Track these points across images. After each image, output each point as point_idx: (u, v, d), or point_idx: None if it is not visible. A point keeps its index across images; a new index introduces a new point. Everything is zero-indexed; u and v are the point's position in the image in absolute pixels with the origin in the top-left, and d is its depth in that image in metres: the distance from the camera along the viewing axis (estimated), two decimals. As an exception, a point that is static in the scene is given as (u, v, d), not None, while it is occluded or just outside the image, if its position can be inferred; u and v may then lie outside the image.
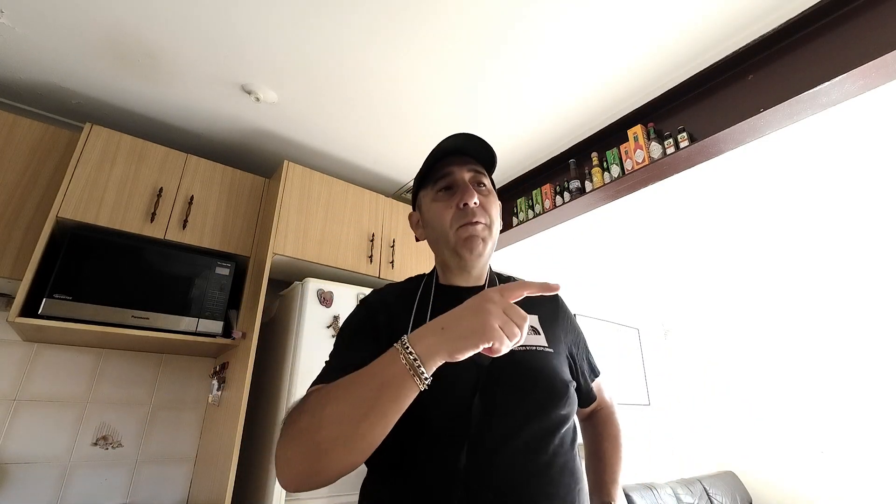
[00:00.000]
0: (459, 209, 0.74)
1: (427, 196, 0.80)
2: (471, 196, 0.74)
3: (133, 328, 1.51)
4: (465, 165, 0.78)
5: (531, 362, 0.72)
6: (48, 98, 1.79)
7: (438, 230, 0.77)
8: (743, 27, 1.45)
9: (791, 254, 3.18)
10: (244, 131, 2.00)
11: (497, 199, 0.82)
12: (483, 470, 0.61)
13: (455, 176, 0.77)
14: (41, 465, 1.57)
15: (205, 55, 1.56)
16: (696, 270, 3.57)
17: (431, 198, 0.79)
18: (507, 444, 0.63)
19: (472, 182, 0.78)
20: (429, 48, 1.53)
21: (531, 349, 0.73)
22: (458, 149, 0.79)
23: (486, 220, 0.76)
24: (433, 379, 0.58)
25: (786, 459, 3.62)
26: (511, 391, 0.67)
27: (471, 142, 0.79)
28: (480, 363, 0.67)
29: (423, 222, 0.82)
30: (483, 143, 0.79)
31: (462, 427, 0.63)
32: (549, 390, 0.70)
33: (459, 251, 0.75)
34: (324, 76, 1.65)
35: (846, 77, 1.31)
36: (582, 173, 2.00)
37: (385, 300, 0.80)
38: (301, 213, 1.89)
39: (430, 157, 0.79)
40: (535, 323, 0.78)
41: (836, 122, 1.87)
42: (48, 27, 1.46)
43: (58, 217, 1.49)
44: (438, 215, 0.77)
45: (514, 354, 0.67)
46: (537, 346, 0.75)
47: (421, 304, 0.77)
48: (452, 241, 0.75)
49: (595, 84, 1.69)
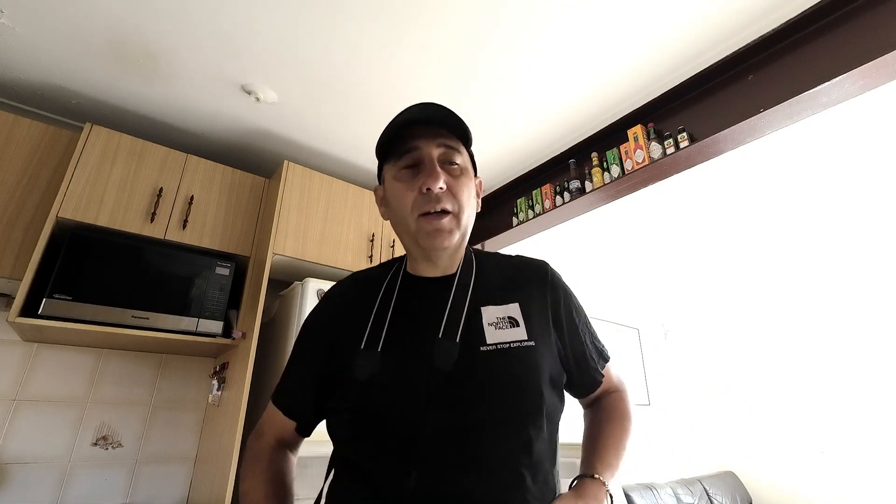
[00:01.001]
0: (422, 193, 0.64)
1: (390, 171, 0.69)
2: (435, 179, 0.63)
3: (133, 328, 1.51)
4: (434, 139, 0.66)
5: (500, 366, 0.61)
6: (48, 98, 1.79)
7: (399, 214, 0.67)
8: (743, 27, 1.45)
9: (791, 254, 3.18)
10: (244, 131, 2.00)
11: (473, 177, 0.71)
12: (433, 496, 0.54)
13: (422, 152, 0.66)
14: (41, 465, 1.57)
15: (205, 55, 1.56)
16: (696, 271, 3.57)
17: (393, 174, 0.68)
18: (464, 467, 0.55)
19: (441, 160, 0.66)
20: (427, 47, 1.53)
21: (503, 347, 0.63)
22: (428, 118, 0.67)
23: (455, 206, 0.65)
24: (382, 384, 0.60)
25: (786, 460, 3.62)
26: (472, 402, 0.58)
27: (440, 112, 0.67)
28: (439, 366, 0.60)
29: (386, 201, 0.71)
30: (452, 113, 0.67)
31: (410, 443, 0.56)
32: (517, 396, 0.60)
33: (421, 242, 0.66)
34: (324, 76, 1.66)
35: (846, 77, 1.31)
36: (582, 173, 2.00)
37: (347, 295, 0.75)
38: (301, 213, 1.89)
39: (391, 126, 0.67)
40: (515, 312, 0.67)
41: (836, 123, 1.87)
42: (48, 27, 1.46)
43: (58, 217, 1.49)
44: (399, 197, 0.66)
45: (480, 355, 0.62)
46: (513, 342, 0.63)
47: (384, 298, 0.69)
48: (413, 230, 0.66)
49: (595, 84, 1.69)
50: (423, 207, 0.64)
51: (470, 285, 0.69)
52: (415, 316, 0.67)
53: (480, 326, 0.65)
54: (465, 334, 0.63)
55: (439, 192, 0.64)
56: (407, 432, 0.57)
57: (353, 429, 0.61)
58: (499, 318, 0.66)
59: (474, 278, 0.71)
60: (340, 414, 0.65)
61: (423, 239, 0.65)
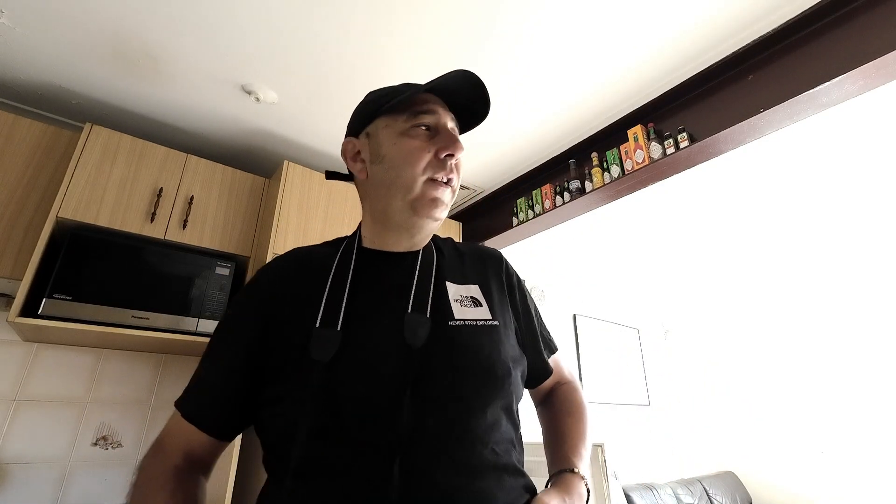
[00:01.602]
0: (438, 158, 0.61)
1: (393, 126, 0.63)
2: (459, 148, 0.62)
3: (133, 328, 1.51)
4: (449, 112, 0.66)
5: (469, 340, 0.59)
6: (48, 98, 1.79)
7: (404, 174, 0.61)
8: (743, 27, 1.45)
9: (791, 254, 3.18)
10: (244, 131, 2.00)
11: None
12: (422, 486, 0.48)
13: (439, 118, 0.64)
14: (41, 465, 1.57)
15: (205, 55, 1.56)
16: (696, 271, 3.57)
17: (401, 130, 0.62)
18: (447, 450, 0.51)
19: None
20: (426, 47, 1.53)
21: (470, 324, 0.60)
22: (457, 92, 0.65)
23: (456, 183, 0.65)
24: (349, 366, 0.52)
25: (786, 460, 3.62)
26: (448, 380, 0.55)
27: (477, 92, 0.66)
28: (411, 344, 0.55)
29: (378, 157, 0.64)
30: (487, 102, 0.67)
31: (392, 434, 0.50)
32: (489, 375, 0.57)
33: (418, 208, 0.61)
34: (324, 76, 1.66)
35: (846, 77, 1.31)
36: (582, 173, 2.00)
37: (284, 275, 0.65)
38: (301, 213, 1.89)
39: (414, 87, 0.64)
40: (476, 293, 0.66)
41: (835, 123, 1.87)
42: (48, 27, 1.46)
43: (58, 217, 1.49)
44: (410, 154, 0.61)
45: (449, 331, 0.58)
46: (478, 319, 0.62)
47: (338, 273, 0.62)
48: (416, 192, 0.61)
49: (595, 84, 1.69)
50: (435, 172, 0.61)
51: (433, 262, 0.67)
52: (378, 291, 0.62)
53: (447, 301, 0.62)
54: (434, 310, 0.60)
55: (457, 162, 0.63)
56: (383, 420, 0.50)
57: (315, 420, 0.51)
58: (462, 296, 0.64)
59: (435, 256, 0.68)
60: (291, 405, 0.53)
61: (423, 205, 0.61)
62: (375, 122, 0.65)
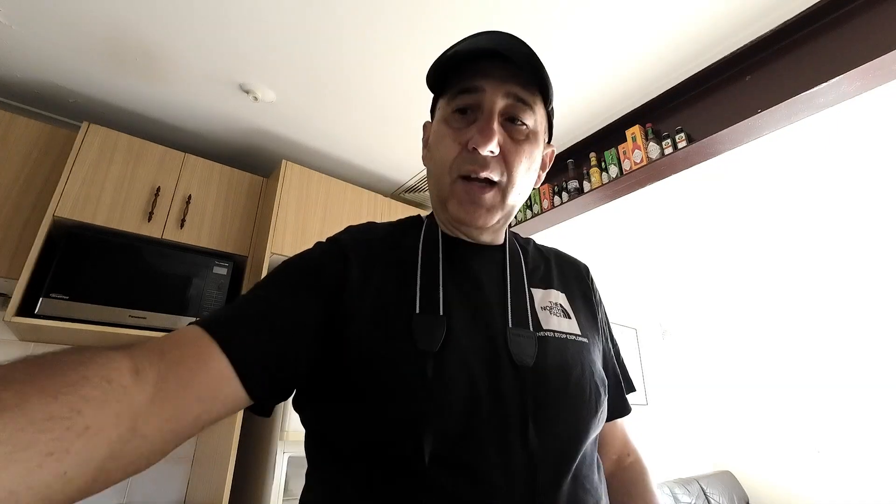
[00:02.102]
0: (468, 151, 0.50)
1: (442, 108, 0.54)
2: (487, 139, 0.48)
3: (130, 328, 1.51)
4: (504, 84, 0.50)
5: (558, 355, 0.49)
6: (45, 97, 1.79)
7: (436, 169, 0.54)
8: (741, 28, 1.45)
9: (788, 254, 3.19)
10: (242, 130, 1.99)
11: (542, 145, 0.55)
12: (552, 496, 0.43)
13: (483, 95, 0.50)
14: (38, 465, 1.56)
15: (203, 54, 1.56)
16: (693, 271, 3.58)
17: (444, 115, 0.54)
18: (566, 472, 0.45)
19: (506, 113, 0.51)
20: (425, 47, 1.53)
21: (560, 336, 0.51)
22: (499, 52, 0.49)
23: (503, 178, 0.51)
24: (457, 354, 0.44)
25: (782, 459, 3.63)
26: (553, 399, 0.46)
27: (520, 49, 0.49)
28: (521, 363, 0.46)
29: (427, 144, 0.59)
30: (533, 54, 0.49)
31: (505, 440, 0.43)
32: (580, 398, 0.48)
33: (451, 211, 0.52)
34: (322, 75, 1.65)
35: (843, 78, 1.31)
36: (580, 173, 2.00)
37: (369, 247, 0.53)
38: (299, 212, 1.88)
39: (451, 55, 0.51)
40: (564, 302, 0.56)
41: (833, 123, 1.88)
42: (45, 25, 1.45)
43: (55, 216, 1.48)
44: (439, 145, 0.53)
45: (545, 343, 0.50)
46: (569, 333, 0.52)
47: (427, 266, 0.52)
48: (445, 192, 0.53)
49: (593, 84, 1.70)
50: (463, 168, 0.50)
51: (521, 263, 0.58)
52: (469, 281, 0.53)
53: (534, 308, 0.53)
54: (528, 319, 0.52)
55: (489, 155, 0.49)
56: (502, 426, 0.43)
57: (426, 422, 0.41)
58: (551, 302, 0.55)
59: (521, 255, 0.59)
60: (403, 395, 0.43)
61: (455, 209, 0.52)
62: (437, 103, 0.56)
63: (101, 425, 0.29)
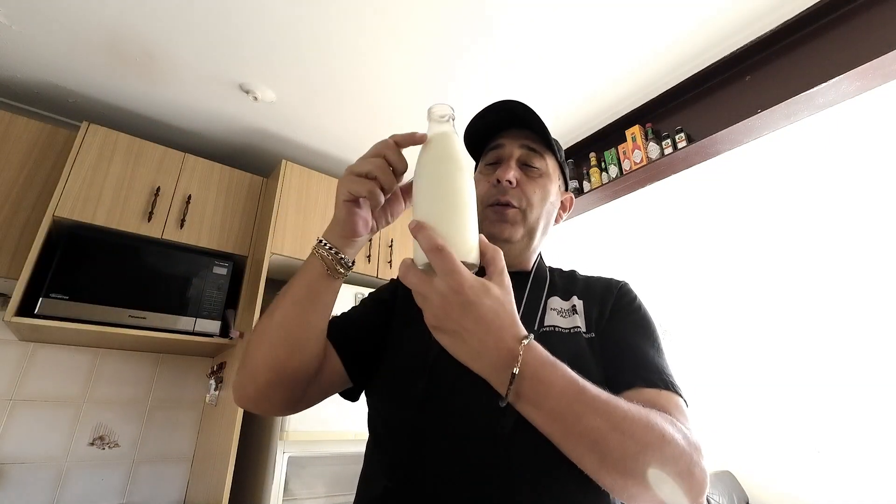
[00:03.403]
0: (494, 185, 0.67)
1: (479, 168, 0.73)
2: (506, 171, 0.66)
3: (130, 328, 1.51)
4: (517, 140, 0.70)
5: (555, 346, 0.49)
6: (45, 97, 1.79)
7: (479, 206, 0.65)
8: (741, 28, 1.45)
9: (788, 253, 3.19)
10: (242, 130, 1.99)
11: (555, 183, 0.71)
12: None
13: (504, 149, 0.70)
14: (38, 465, 1.56)
15: (203, 54, 1.56)
16: (693, 270, 3.58)
17: (480, 169, 0.73)
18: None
19: (519, 160, 0.69)
20: (424, 46, 1.53)
21: (560, 331, 0.61)
22: (509, 119, 0.70)
23: (521, 203, 0.66)
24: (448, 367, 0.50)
25: (783, 459, 3.63)
26: None
27: (524, 113, 0.69)
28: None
29: None
30: (537, 117, 0.69)
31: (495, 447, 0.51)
32: None
33: (486, 230, 0.65)
34: (322, 75, 1.65)
35: (843, 78, 1.31)
36: (580, 173, 2.00)
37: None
38: (299, 212, 1.88)
39: (474, 128, 0.72)
40: (577, 304, 0.66)
41: (832, 123, 1.88)
42: (45, 25, 1.45)
43: (54, 216, 1.49)
44: (477, 188, 0.65)
45: (546, 337, 0.58)
46: (565, 328, 0.61)
47: None
48: (481, 219, 0.63)
49: (593, 84, 1.70)
50: (491, 198, 0.67)
51: (546, 281, 0.69)
52: None
53: (544, 312, 0.64)
54: (536, 322, 0.63)
55: (507, 185, 0.65)
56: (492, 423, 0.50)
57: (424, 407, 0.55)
58: (562, 307, 0.65)
59: (548, 280, 0.70)
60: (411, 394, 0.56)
61: (489, 227, 0.66)
62: (479, 164, 0.75)
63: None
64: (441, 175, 0.45)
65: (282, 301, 0.54)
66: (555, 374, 0.42)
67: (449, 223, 0.41)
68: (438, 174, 0.45)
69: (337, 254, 0.53)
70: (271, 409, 0.58)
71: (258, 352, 0.53)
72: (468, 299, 0.39)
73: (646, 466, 0.42)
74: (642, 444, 0.42)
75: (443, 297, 0.40)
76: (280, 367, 0.53)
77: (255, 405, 0.56)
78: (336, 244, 0.53)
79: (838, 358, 3.50)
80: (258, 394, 0.55)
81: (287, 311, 0.53)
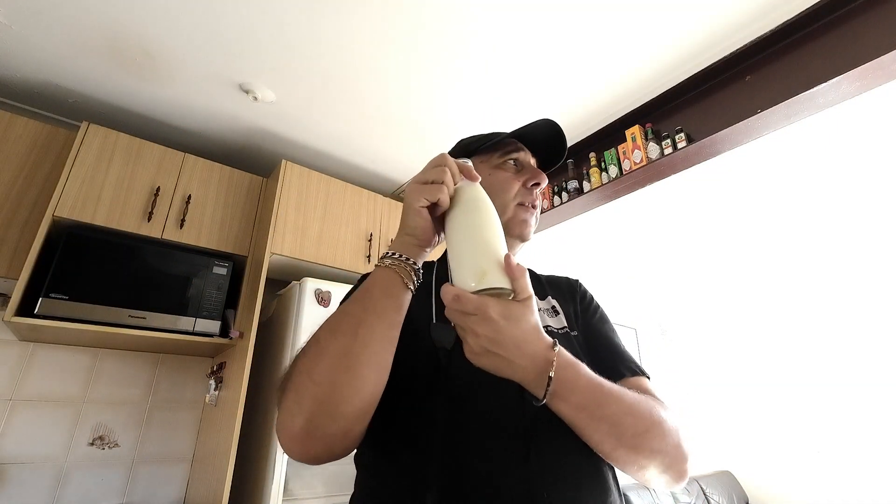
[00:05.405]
0: (526, 188, 0.70)
1: (487, 162, 0.74)
2: (544, 179, 0.71)
3: (130, 328, 1.51)
4: (533, 157, 0.76)
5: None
6: (45, 96, 1.78)
7: (497, 200, 0.65)
8: (741, 28, 1.45)
9: (788, 253, 3.19)
10: (242, 130, 1.99)
11: None
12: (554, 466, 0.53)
13: (528, 156, 0.75)
14: (37, 465, 1.56)
15: (202, 54, 1.56)
16: (693, 270, 3.58)
17: (494, 164, 0.73)
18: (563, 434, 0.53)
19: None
20: (423, 47, 1.53)
21: (552, 330, 0.66)
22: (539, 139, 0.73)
23: (539, 209, 0.74)
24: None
25: (782, 459, 3.63)
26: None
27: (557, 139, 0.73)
28: None
29: None
30: (564, 147, 0.75)
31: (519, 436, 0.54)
32: None
33: (510, 228, 0.69)
34: (322, 75, 1.65)
35: (843, 78, 1.31)
36: (580, 173, 2.00)
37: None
38: (299, 212, 1.88)
39: (502, 133, 0.74)
40: (555, 304, 0.72)
41: (832, 123, 1.88)
42: (45, 25, 1.45)
43: (54, 216, 1.48)
44: (504, 182, 0.70)
45: None
46: (558, 327, 0.68)
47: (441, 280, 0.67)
48: (509, 215, 0.69)
49: (593, 85, 1.70)
50: (524, 198, 0.71)
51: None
52: None
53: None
54: None
55: (540, 192, 0.73)
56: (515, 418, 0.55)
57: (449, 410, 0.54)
58: (542, 307, 0.70)
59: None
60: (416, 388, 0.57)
61: (514, 226, 0.70)
62: (472, 158, 0.74)
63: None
64: (482, 212, 0.51)
65: (354, 319, 0.50)
66: (579, 373, 0.50)
67: (490, 258, 0.47)
68: (480, 212, 0.51)
69: (414, 264, 0.51)
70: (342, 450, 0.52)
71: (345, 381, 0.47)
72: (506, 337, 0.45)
73: (652, 441, 0.52)
74: (648, 423, 0.52)
75: (485, 339, 0.45)
76: (373, 397, 0.50)
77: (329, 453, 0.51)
78: (411, 254, 0.52)
79: (838, 358, 3.50)
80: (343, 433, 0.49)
81: (373, 328, 0.49)
